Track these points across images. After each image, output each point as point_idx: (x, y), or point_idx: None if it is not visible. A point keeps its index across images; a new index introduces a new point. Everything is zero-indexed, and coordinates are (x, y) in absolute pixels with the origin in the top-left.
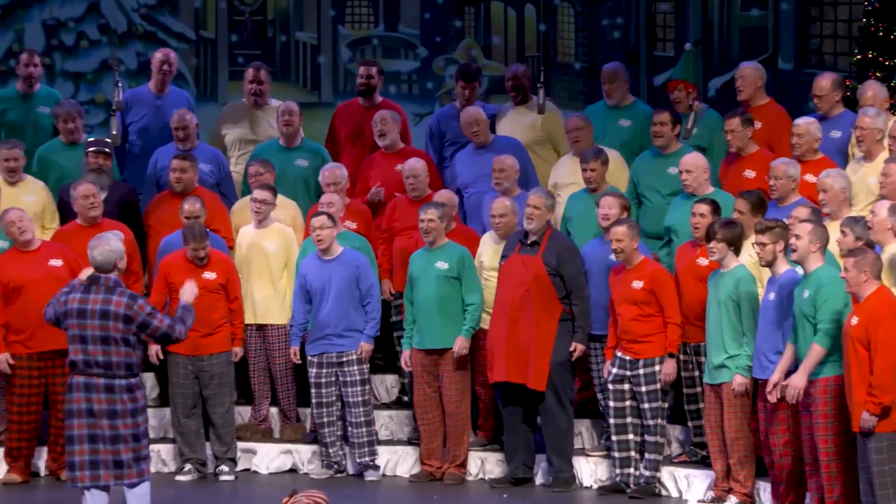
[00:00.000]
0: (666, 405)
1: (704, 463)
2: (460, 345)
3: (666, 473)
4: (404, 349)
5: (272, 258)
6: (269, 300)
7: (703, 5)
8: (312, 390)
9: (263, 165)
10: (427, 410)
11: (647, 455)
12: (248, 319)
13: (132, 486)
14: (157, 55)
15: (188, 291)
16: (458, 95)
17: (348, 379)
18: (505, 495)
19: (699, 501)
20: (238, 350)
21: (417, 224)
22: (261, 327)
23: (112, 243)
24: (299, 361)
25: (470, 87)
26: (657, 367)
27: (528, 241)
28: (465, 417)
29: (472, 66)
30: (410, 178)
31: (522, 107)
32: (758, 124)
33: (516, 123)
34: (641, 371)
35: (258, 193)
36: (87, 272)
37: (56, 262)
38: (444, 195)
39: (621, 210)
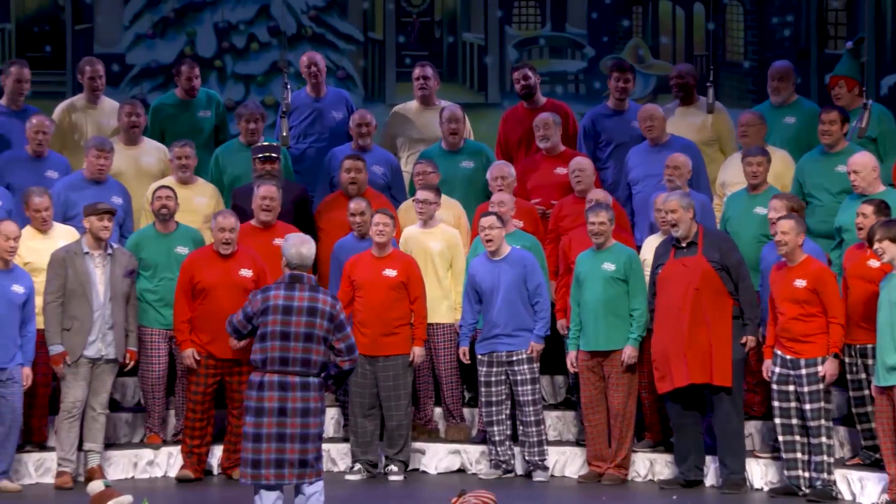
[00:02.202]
0: (831, 406)
1: (878, 466)
2: (629, 354)
3: (839, 476)
4: (570, 350)
5: (437, 258)
6: (434, 300)
7: (876, 2)
8: (482, 389)
9: (430, 165)
10: (594, 411)
11: (813, 457)
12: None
13: (311, 484)
14: (303, 59)
15: None
16: (611, 90)
17: (519, 378)
18: (675, 497)
19: None
20: (418, 350)
21: (583, 222)
22: (427, 327)
23: (306, 245)
24: (469, 361)
25: (623, 78)
26: (819, 368)
27: (684, 245)
28: (630, 418)
29: (625, 61)
30: (577, 173)
31: (689, 107)
32: None
33: (684, 123)
34: (804, 371)
35: (421, 194)
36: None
37: (246, 273)
38: (597, 193)
39: (789, 212)
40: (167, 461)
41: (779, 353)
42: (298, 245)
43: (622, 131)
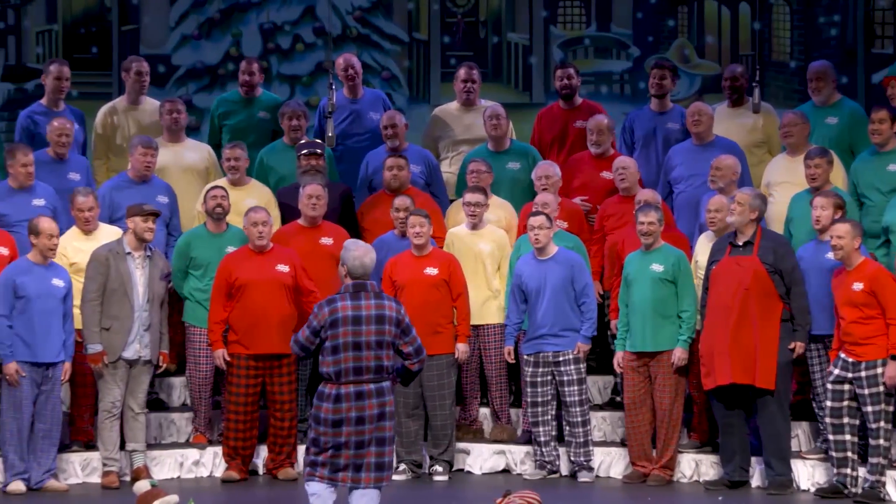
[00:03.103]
0: (891, 408)
1: None
2: (679, 356)
3: (889, 478)
4: (617, 350)
5: (486, 259)
6: (484, 301)
7: None
8: (528, 389)
9: (484, 164)
10: (637, 412)
11: (870, 459)
12: None
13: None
14: (339, 61)
15: None
16: (650, 87)
17: (565, 378)
18: (720, 498)
19: None
20: (462, 347)
21: (628, 222)
22: (475, 327)
23: (372, 253)
24: (514, 361)
25: (660, 74)
26: (879, 370)
27: (740, 243)
28: (677, 420)
29: (666, 60)
30: (620, 171)
31: (738, 108)
32: None
33: (732, 124)
34: (863, 373)
35: (471, 197)
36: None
37: (283, 268)
38: (646, 193)
39: (835, 209)
40: (213, 461)
41: (842, 355)
42: (362, 256)
43: (657, 132)
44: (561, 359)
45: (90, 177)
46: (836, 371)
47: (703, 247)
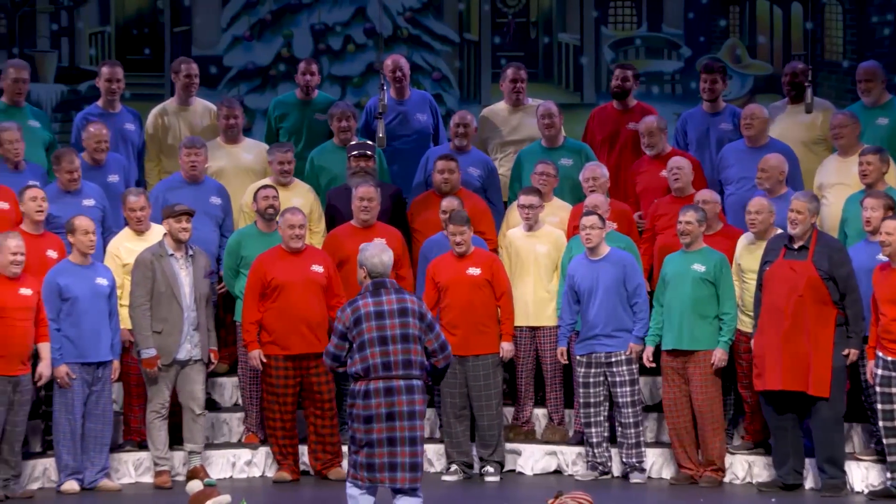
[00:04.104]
0: None
1: None
2: (720, 357)
3: None
4: (648, 345)
5: (543, 260)
6: (540, 303)
7: None
8: (580, 390)
9: (552, 167)
10: (677, 413)
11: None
12: (521, 321)
13: (413, 493)
14: (387, 62)
15: None
16: (701, 92)
17: (618, 379)
18: (773, 500)
19: None
20: (507, 346)
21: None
22: (533, 329)
23: (387, 253)
24: (566, 361)
25: (710, 79)
26: None
27: (795, 246)
28: (718, 419)
29: (715, 62)
30: (675, 170)
31: (798, 105)
32: None
33: (791, 122)
34: None
35: (526, 199)
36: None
37: (318, 269)
38: (705, 194)
39: (885, 210)
40: (265, 461)
41: (881, 355)
42: (379, 254)
43: (710, 132)
44: (613, 359)
45: (129, 174)
46: (880, 372)
47: (744, 249)
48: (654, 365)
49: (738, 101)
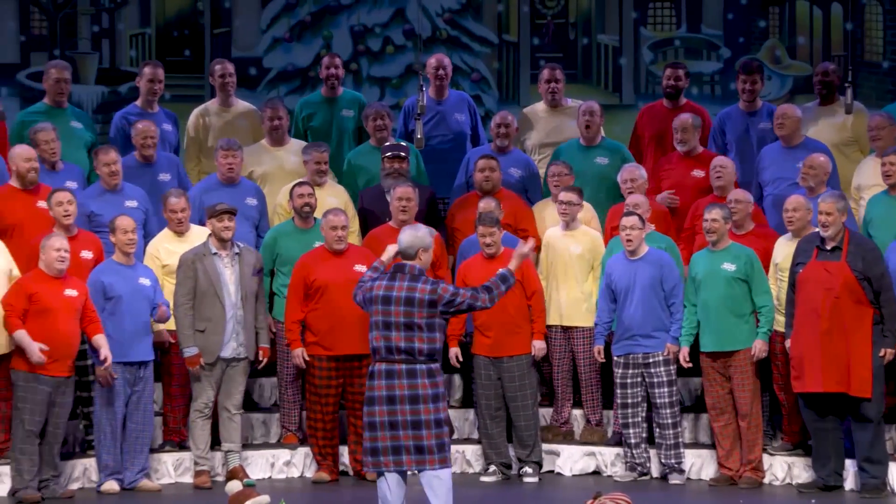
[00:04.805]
0: None
1: None
2: (760, 348)
3: None
4: (682, 346)
5: (578, 260)
6: (574, 302)
7: None
8: (618, 391)
9: (565, 166)
10: (721, 413)
11: None
12: (554, 321)
13: (434, 471)
14: (432, 61)
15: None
16: (739, 92)
17: (655, 380)
18: (813, 501)
19: None
20: (539, 344)
21: None
22: (567, 329)
23: (421, 231)
24: (604, 360)
25: (750, 80)
26: None
27: (828, 248)
28: (758, 419)
29: (753, 61)
30: (718, 169)
31: (829, 106)
32: None
33: (823, 123)
34: None
35: (565, 195)
36: (391, 249)
37: (361, 268)
38: (738, 194)
39: None
40: (304, 461)
41: None
42: (411, 230)
43: (749, 132)
44: (651, 360)
45: (182, 174)
46: None
47: (783, 248)
48: (690, 365)
49: (777, 102)
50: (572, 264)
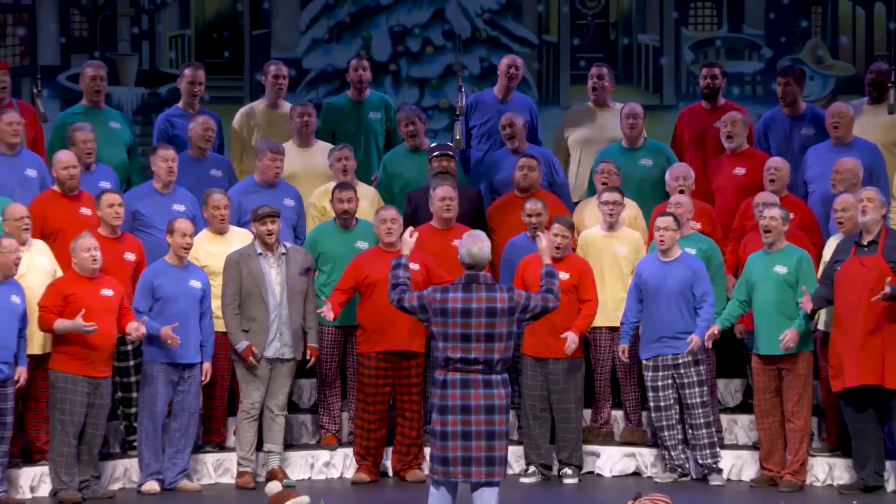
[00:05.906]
0: None
1: None
2: (791, 337)
3: None
4: (716, 324)
5: (622, 261)
6: (617, 303)
7: None
8: (650, 394)
9: (613, 165)
10: (767, 415)
11: None
12: (600, 322)
13: (491, 487)
14: (505, 60)
15: (406, 243)
16: (777, 94)
17: (685, 381)
18: (855, 502)
19: None
20: (571, 336)
21: None
22: (612, 330)
23: (485, 239)
24: (628, 360)
25: (784, 82)
26: None
27: (865, 242)
28: (806, 423)
29: (790, 65)
30: (772, 171)
31: (879, 105)
32: None
33: (872, 122)
34: None
35: (609, 196)
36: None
37: (413, 266)
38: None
39: None
40: (343, 462)
41: None
42: (469, 244)
43: (792, 137)
44: (680, 361)
45: (232, 174)
46: None
47: (831, 247)
48: (718, 337)
49: (820, 102)
50: (618, 265)
